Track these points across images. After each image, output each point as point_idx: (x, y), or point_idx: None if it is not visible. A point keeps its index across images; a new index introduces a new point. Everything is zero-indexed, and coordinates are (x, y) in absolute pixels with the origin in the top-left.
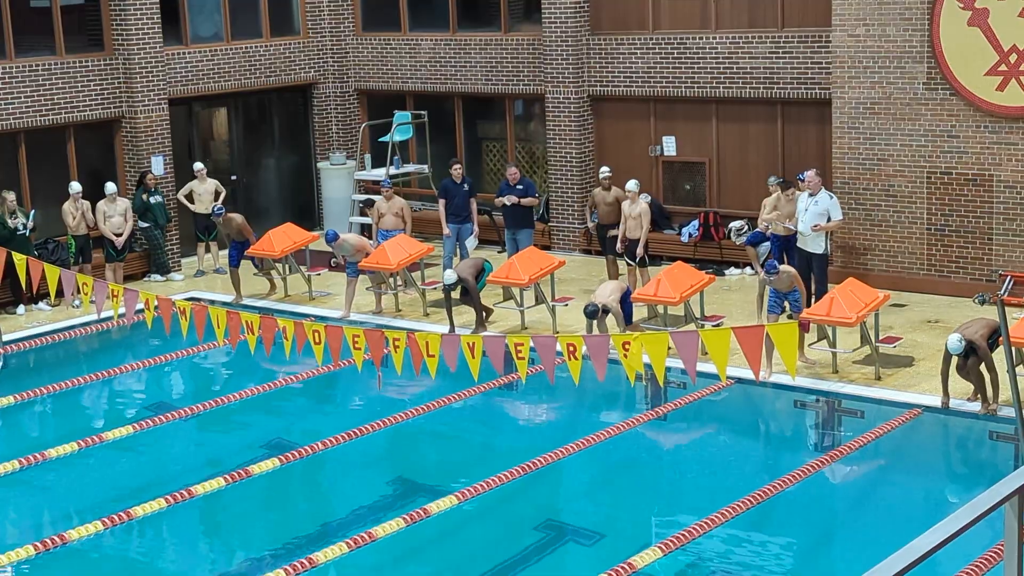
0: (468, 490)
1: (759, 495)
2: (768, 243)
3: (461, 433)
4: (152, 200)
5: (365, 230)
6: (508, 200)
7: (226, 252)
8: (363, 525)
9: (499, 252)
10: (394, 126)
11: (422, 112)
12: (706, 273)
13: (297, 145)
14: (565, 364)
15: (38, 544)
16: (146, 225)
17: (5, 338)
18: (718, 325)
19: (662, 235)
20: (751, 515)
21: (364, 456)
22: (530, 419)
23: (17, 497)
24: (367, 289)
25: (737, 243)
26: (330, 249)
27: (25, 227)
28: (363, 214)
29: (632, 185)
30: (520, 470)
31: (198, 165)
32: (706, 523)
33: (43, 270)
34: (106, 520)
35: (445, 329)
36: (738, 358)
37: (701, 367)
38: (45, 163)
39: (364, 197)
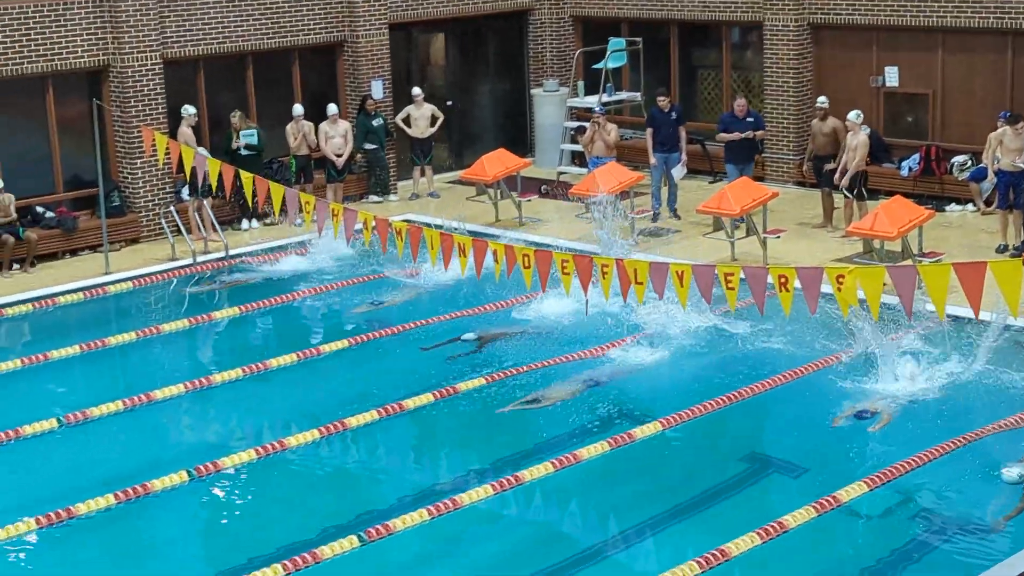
0: (672, 417)
1: (974, 435)
2: (992, 179)
3: (668, 363)
4: (374, 123)
5: (576, 158)
6: (739, 135)
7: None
8: (568, 447)
9: (710, 183)
10: (608, 53)
11: (637, 39)
12: (926, 208)
13: (511, 71)
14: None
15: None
16: (371, 147)
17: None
18: (937, 261)
19: (881, 169)
20: (963, 452)
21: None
22: (738, 351)
23: (245, 400)
24: (576, 216)
25: (959, 179)
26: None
27: (249, 148)
28: (574, 141)
29: (853, 116)
30: (724, 400)
31: (416, 90)
32: (916, 460)
33: (268, 189)
34: (322, 429)
35: (654, 257)
36: (957, 296)
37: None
38: (271, 85)
39: (576, 124)
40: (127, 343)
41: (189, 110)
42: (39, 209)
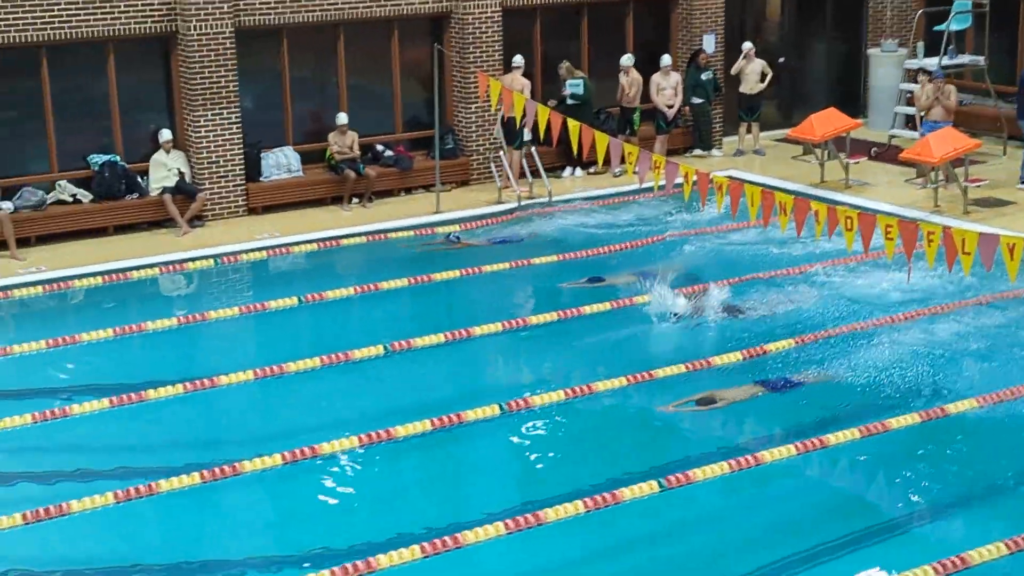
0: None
1: None
2: None
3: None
4: (703, 77)
5: (909, 121)
6: None
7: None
8: (875, 416)
9: None
10: (952, 14)
11: (984, 1)
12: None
13: (848, 30)
14: None
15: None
16: (698, 101)
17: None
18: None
19: None
20: None
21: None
22: None
23: (556, 343)
24: (906, 181)
25: None
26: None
27: (574, 98)
28: (910, 104)
29: None
30: None
31: (747, 44)
32: None
33: (593, 138)
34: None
35: (985, 229)
36: None
37: None
38: (604, 36)
39: (910, 87)
40: (451, 279)
41: (517, 60)
42: (379, 148)
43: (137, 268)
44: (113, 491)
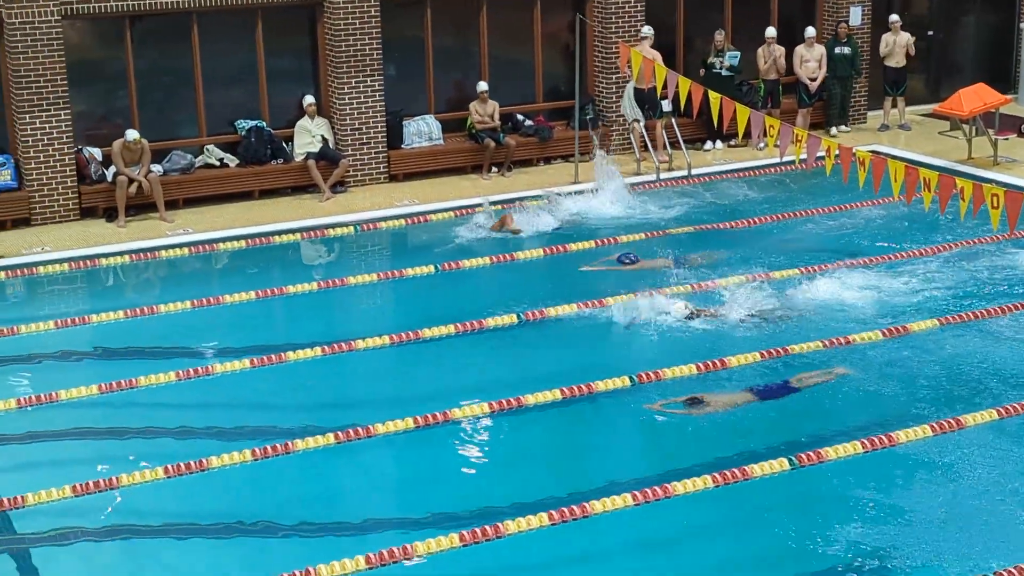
0: None
1: None
2: None
3: None
4: (845, 50)
5: None
6: None
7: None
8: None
9: None
10: None
11: None
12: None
13: (1000, 3)
14: None
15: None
16: (840, 75)
17: (695, 171)
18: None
19: None
20: None
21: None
22: None
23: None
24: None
25: None
26: None
27: (730, 69)
28: None
29: None
30: None
31: (894, 17)
32: None
33: (735, 110)
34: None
35: None
36: None
37: None
38: (747, 7)
39: None
40: (584, 251)
41: (647, 31)
42: (519, 117)
43: (279, 233)
44: (251, 448)
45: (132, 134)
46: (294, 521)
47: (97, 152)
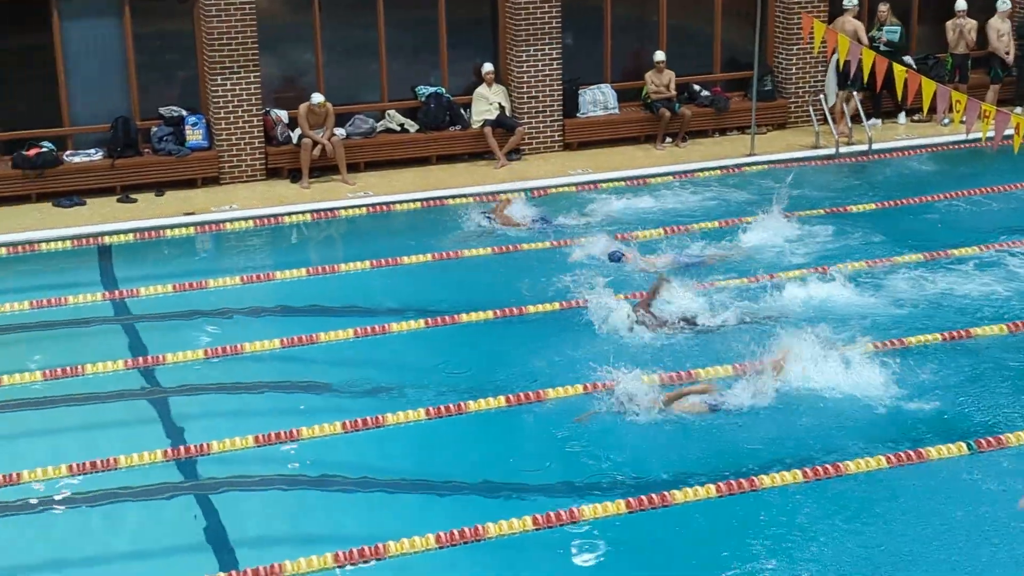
0: None
1: None
2: None
3: None
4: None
5: None
6: None
7: None
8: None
9: None
10: None
11: None
12: None
13: None
14: None
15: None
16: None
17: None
18: None
19: None
20: None
21: None
22: None
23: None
24: None
25: None
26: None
27: (888, 44)
28: None
29: None
30: None
31: None
32: None
33: (920, 84)
34: None
35: None
36: None
37: None
38: None
39: None
40: (744, 225)
41: (850, 1)
42: (695, 87)
43: (455, 196)
44: (425, 407)
45: (317, 97)
46: (464, 480)
47: (284, 114)
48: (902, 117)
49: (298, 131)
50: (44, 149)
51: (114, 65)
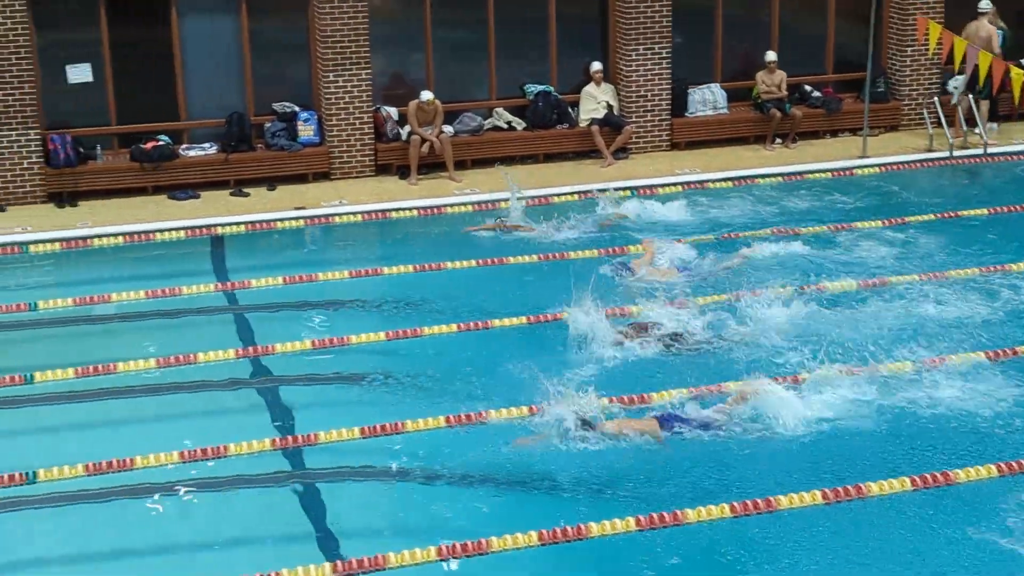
0: None
1: None
2: None
3: None
4: None
5: None
6: None
7: None
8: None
9: None
10: None
11: None
12: None
13: None
14: None
15: None
16: None
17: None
18: None
19: None
20: None
21: None
22: None
23: None
24: None
25: None
26: None
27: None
28: None
29: None
30: None
31: None
32: None
33: None
34: None
35: None
36: None
37: None
38: None
39: None
40: (873, 229)
41: (984, 5)
42: (807, 88)
43: (561, 194)
44: (528, 405)
45: (426, 95)
46: (568, 477)
47: (393, 111)
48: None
49: (407, 128)
50: (161, 143)
51: (230, 61)
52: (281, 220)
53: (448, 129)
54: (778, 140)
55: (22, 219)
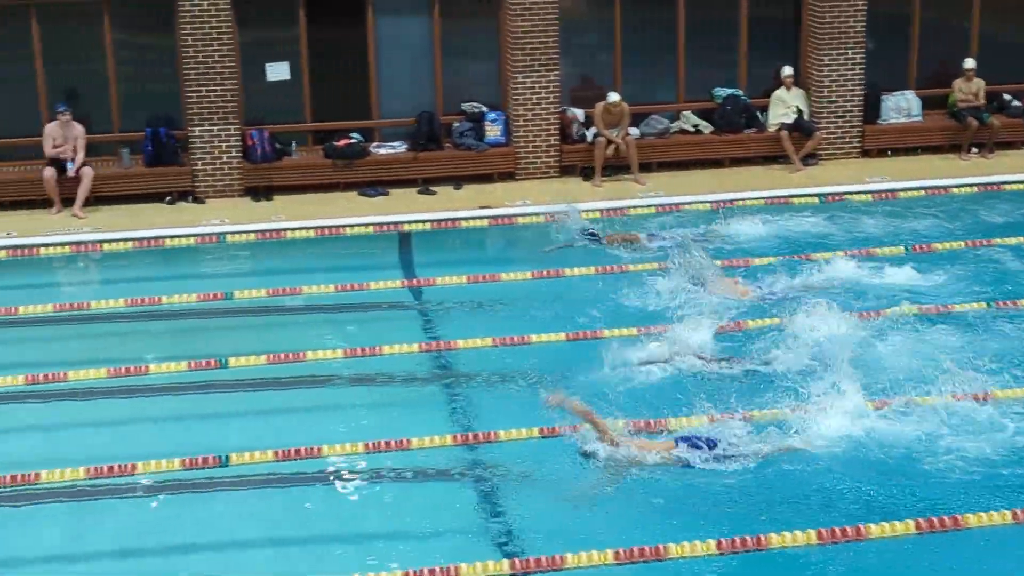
0: None
1: None
2: None
3: None
4: None
5: None
6: None
7: None
8: None
9: None
10: None
11: None
12: None
13: None
14: None
15: None
16: None
17: None
18: None
19: None
20: None
21: None
22: None
23: None
24: None
25: None
26: None
27: None
28: None
29: None
30: None
31: None
32: None
33: None
34: None
35: None
36: None
37: None
38: None
39: None
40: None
41: None
42: (1006, 97)
43: (748, 199)
44: (712, 413)
45: (613, 97)
46: (747, 489)
47: (580, 113)
48: None
49: (593, 130)
50: (353, 140)
51: (422, 61)
52: (466, 219)
53: (634, 131)
54: (975, 150)
55: (220, 211)
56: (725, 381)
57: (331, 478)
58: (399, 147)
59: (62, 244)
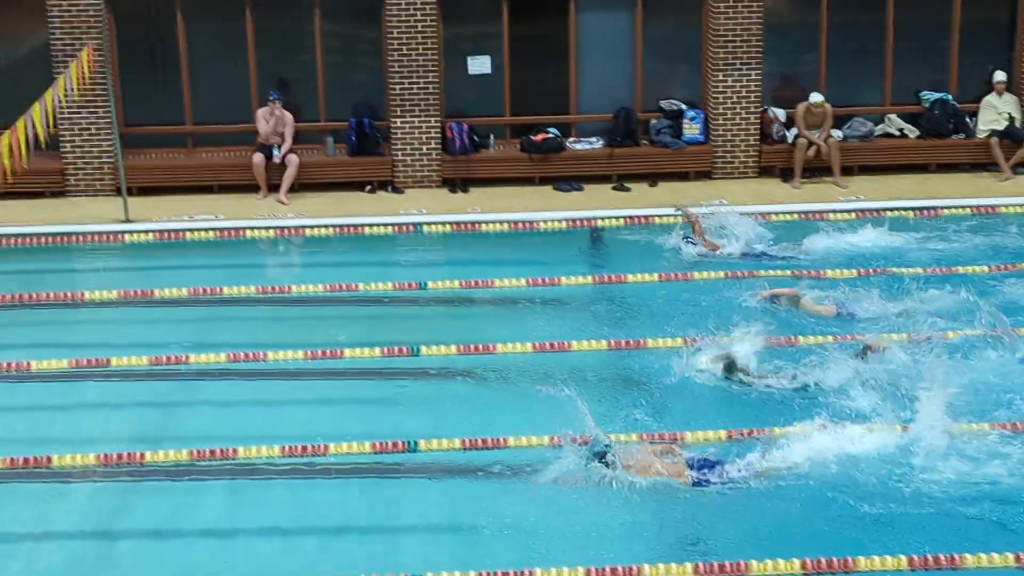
0: None
1: None
2: None
3: None
4: None
5: None
6: None
7: None
8: None
9: None
10: None
11: None
12: None
13: None
14: None
15: None
16: None
17: None
18: None
19: None
20: None
21: None
22: None
23: None
24: None
25: None
26: None
27: None
28: None
29: None
30: None
31: None
32: None
33: None
34: None
35: None
36: None
37: None
38: None
39: None
40: None
41: None
42: None
43: (954, 207)
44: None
45: (816, 97)
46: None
47: (781, 113)
48: None
49: (794, 130)
50: (550, 135)
51: (622, 57)
52: (660, 216)
53: (837, 133)
54: None
55: (418, 201)
56: None
57: (511, 471)
58: (596, 143)
59: (266, 228)
